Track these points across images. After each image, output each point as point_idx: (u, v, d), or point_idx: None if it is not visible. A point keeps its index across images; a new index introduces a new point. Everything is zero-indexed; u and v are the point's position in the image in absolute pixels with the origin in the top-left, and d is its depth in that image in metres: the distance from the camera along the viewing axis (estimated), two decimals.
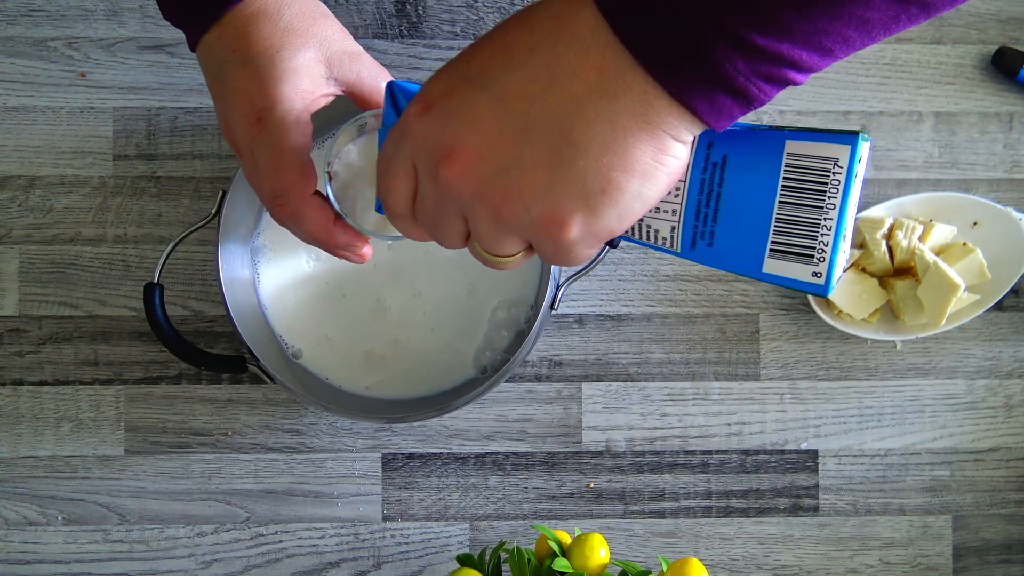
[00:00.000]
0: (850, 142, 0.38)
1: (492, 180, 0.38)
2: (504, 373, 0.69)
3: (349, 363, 0.71)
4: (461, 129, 0.38)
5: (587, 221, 0.38)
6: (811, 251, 0.39)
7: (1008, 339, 0.77)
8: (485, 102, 0.37)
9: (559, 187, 0.38)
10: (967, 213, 0.75)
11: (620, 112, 0.36)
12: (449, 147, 0.38)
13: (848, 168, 0.38)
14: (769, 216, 0.40)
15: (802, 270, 0.39)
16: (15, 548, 0.74)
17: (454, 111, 0.38)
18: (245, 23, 0.51)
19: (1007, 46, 0.77)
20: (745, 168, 0.40)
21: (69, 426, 0.74)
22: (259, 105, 0.51)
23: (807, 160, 0.39)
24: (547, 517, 0.76)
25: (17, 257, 0.75)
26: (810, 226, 0.39)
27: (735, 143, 0.40)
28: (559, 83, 0.36)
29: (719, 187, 0.40)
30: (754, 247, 0.40)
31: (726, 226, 0.41)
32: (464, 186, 0.38)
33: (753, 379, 0.76)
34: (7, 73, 0.75)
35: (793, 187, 0.39)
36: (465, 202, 0.39)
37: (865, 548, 0.77)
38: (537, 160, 0.37)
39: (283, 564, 0.75)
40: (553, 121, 0.37)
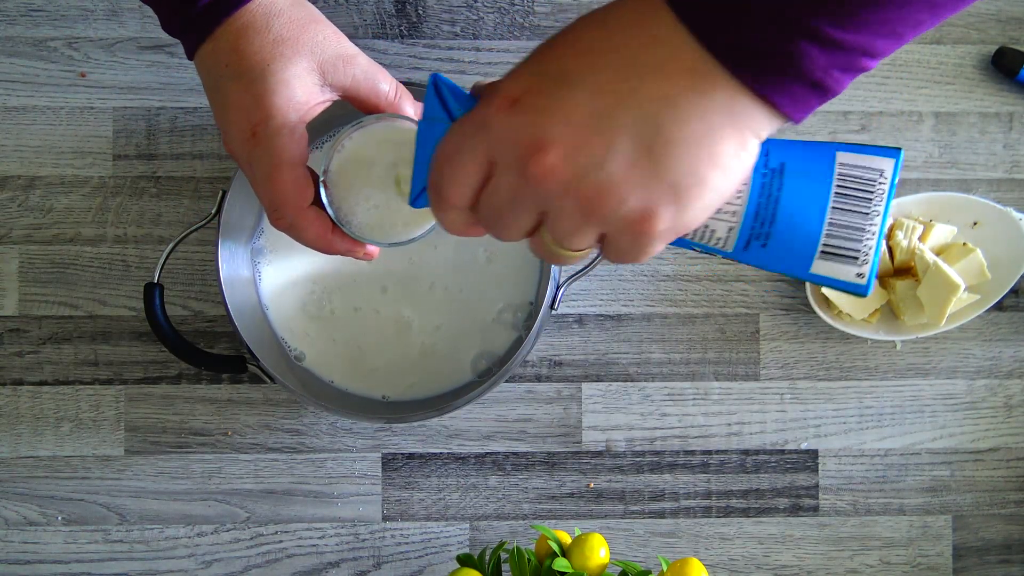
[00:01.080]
0: (894, 156, 0.43)
1: (584, 175, 0.39)
2: (504, 373, 0.69)
3: (350, 364, 0.71)
4: (553, 125, 0.39)
5: (674, 215, 0.40)
6: (857, 253, 0.43)
7: (1008, 339, 0.77)
8: (578, 99, 0.39)
9: (652, 182, 0.39)
10: (967, 213, 0.75)
11: (710, 110, 0.38)
12: (540, 142, 0.39)
13: (891, 179, 0.43)
14: (822, 220, 0.43)
15: (847, 271, 0.43)
16: (15, 548, 0.74)
17: (544, 107, 0.39)
18: (236, 37, 0.52)
19: (1007, 46, 0.77)
20: (802, 175, 0.43)
21: (69, 426, 0.74)
22: (253, 119, 0.51)
23: (856, 171, 0.43)
24: (547, 517, 0.76)
25: (17, 257, 0.75)
26: (857, 230, 0.43)
27: (791, 152, 0.43)
28: (649, 82, 0.38)
29: (778, 192, 0.43)
30: (805, 249, 0.43)
31: (782, 229, 0.43)
32: (555, 181, 0.39)
33: (753, 379, 0.76)
34: (7, 73, 0.75)
35: (844, 194, 0.43)
36: (552, 196, 0.40)
37: (865, 548, 0.77)
38: (631, 156, 0.38)
39: (283, 564, 0.75)
40: (646, 118, 0.38)
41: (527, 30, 0.76)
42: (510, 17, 0.76)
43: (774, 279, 0.77)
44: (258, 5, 0.52)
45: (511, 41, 0.76)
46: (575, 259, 0.43)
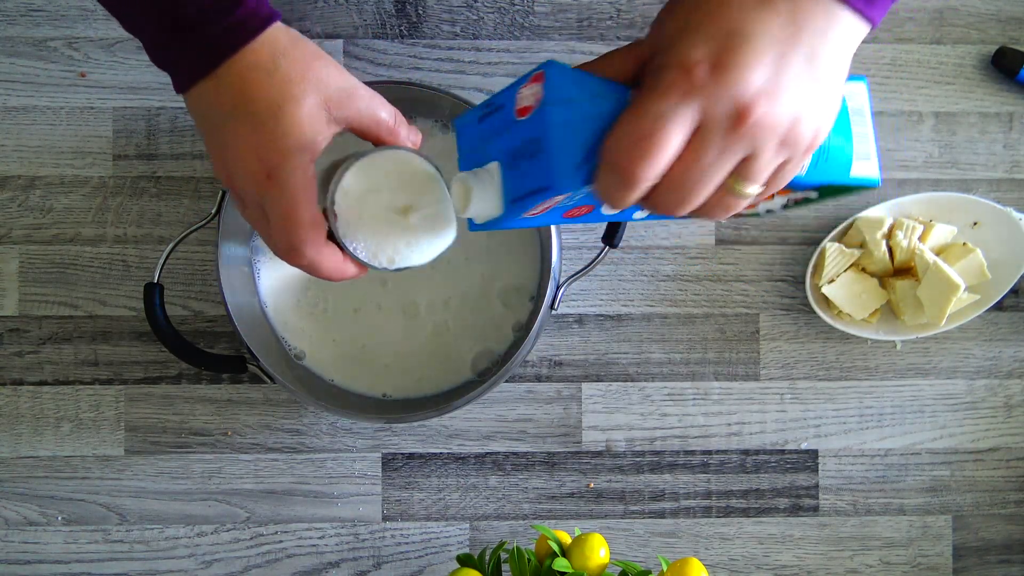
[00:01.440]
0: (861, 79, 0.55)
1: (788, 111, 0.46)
2: (504, 373, 0.69)
3: (350, 362, 0.71)
4: (754, 75, 0.45)
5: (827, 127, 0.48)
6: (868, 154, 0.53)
7: (1008, 339, 0.77)
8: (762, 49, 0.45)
9: (822, 103, 0.47)
10: (967, 213, 0.75)
11: (842, 38, 0.47)
12: (751, 93, 0.45)
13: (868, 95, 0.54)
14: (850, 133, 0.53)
15: (869, 168, 0.52)
16: (15, 548, 0.74)
17: (741, 62, 0.44)
18: (242, 76, 0.51)
19: (1007, 46, 0.77)
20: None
21: (69, 426, 0.74)
22: (268, 163, 0.51)
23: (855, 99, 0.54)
24: (547, 517, 0.76)
25: (17, 257, 0.75)
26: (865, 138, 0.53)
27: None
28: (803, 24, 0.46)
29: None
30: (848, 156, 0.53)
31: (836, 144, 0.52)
32: (766, 123, 0.45)
33: (753, 379, 0.76)
34: (7, 73, 0.75)
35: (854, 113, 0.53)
36: (762, 138, 0.46)
37: (865, 548, 0.77)
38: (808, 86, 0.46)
39: (283, 564, 0.75)
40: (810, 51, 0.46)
41: (527, 30, 0.76)
42: (510, 17, 0.76)
43: (774, 279, 0.77)
44: (262, 44, 0.51)
45: (511, 41, 0.76)
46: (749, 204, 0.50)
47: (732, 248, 0.76)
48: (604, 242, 0.68)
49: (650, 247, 0.76)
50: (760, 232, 0.76)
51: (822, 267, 0.74)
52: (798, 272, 0.77)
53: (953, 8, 0.77)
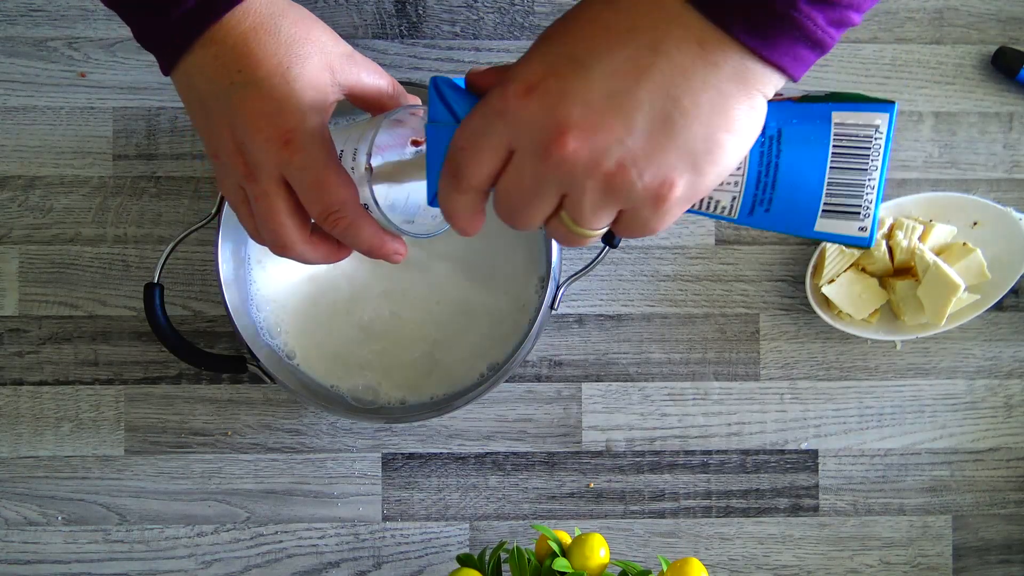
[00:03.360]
0: (888, 110, 0.43)
1: (607, 153, 0.40)
2: (504, 373, 0.69)
3: (347, 366, 0.71)
4: (573, 107, 0.40)
5: (692, 181, 0.42)
6: (858, 208, 0.44)
7: (1008, 339, 0.77)
8: (595, 80, 0.40)
9: (671, 152, 0.41)
10: (967, 213, 0.75)
11: (722, 78, 0.40)
12: (561, 126, 0.40)
13: (887, 132, 0.44)
14: (822, 181, 0.44)
15: (850, 226, 0.44)
16: (15, 548, 0.74)
17: (562, 91, 0.40)
18: (243, 40, 0.49)
19: (1007, 46, 0.77)
20: (799, 140, 0.44)
21: (69, 426, 0.74)
22: (284, 127, 0.48)
23: (852, 128, 0.44)
24: (547, 517, 0.76)
25: (17, 257, 0.75)
26: (857, 187, 0.44)
27: (787, 116, 0.44)
28: (664, 57, 0.40)
29: (776, 158, 0.44)
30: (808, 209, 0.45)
31: (783, 193, 0.45)
32: (577, 162, 0.40)
33: (753, 379, 0.76)
34: (7, 73, 0.75)
35: (842, 153, 0.44)
36: (576, 177, 0.41)
37: (865, 548, 0.77)
38: (650, 130, 0.40)
39: (283, 564, 0.75)
40: (663, 91, 0.40)
41: (527, 30, 0.76)
42: (510, 17, 0.76)
43: (774, 279, 0.77)
44: (260, 4, 0.49)
45: (511, 41, 0.76)
46: (591, 239, 0.45)
47: (732, 248, 0.76)
48: (604, 242, 0.68)
49: (650, 247, 0.76)
50: (760, 232, 0.77)
51: (822, 267, 0.74)
52: (798, 272, 0.77)
53: (953, 8, 0.77)
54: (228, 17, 0.49)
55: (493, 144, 0.42)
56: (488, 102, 0.42)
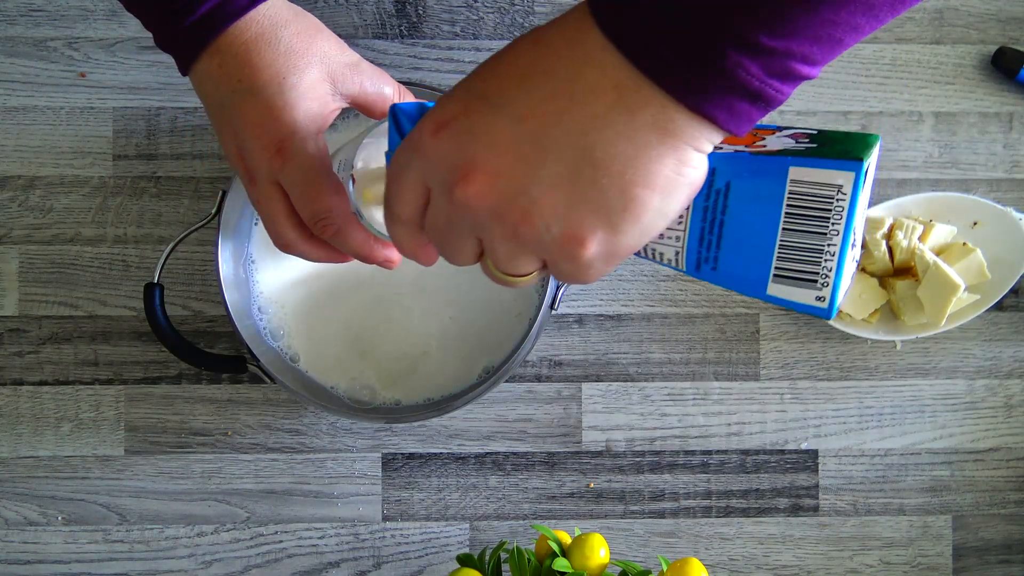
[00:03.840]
0: (854, 168, 0.38)
1: (511, 200, 0.38)
2: (504, 373, 0.69)
3: (345, 365, 0.71)
4: (479, 149, 0.38)
5: (608, 239, 0.38)
6: (815, 276, 0.39)
7: (1008, 339, 0.77)
8: (503, 123, 0.37)
9: (580, 205, 0.37)
10: (967, 213, 0.75)
11: (640, 127, 0.36)
12: (466, 167, 0.38)
13: (852, 194, 0.38)
14: (772, 243, 0.39)
15: (806, 295, 0.39)
16: (15, 548, 0.74)
17: (471, 131, 0.38)
18: (245, 50, 0.51)
19: (1007, 46, 0.77)
20: (749, 196, 0.40)
21: (69, 426, 0.74)
22: (277, 135, 0.50)
23: (811, 187, 0.38)
24: (547, 517, 0.76)
25: (17, 257, 0.75)
26: (814, 252, 0.39)
27: (738, 169, 0.40)
28: (578, 102, 0.36)
29: (722, 215, 0.40)
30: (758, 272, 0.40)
31: (730, 252, 0.40)
32: (481, 206, 0.38)
33: (753, 379, 0.76)
34: (7, 73, 0.75)
35: (797, 214, 0.39)
36: (481, 221, 0.39)
37: (865, 548, 0.77)
38: (557, 179, 0.37)
39: (283, 564, 0.75)
40: (574, 139, 0.37)
41: (527, 30, 0.76)
42: (510, 17, 0.76)
43: None
44: (263, 15, 0.51)
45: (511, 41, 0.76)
46: (521, 283, 0.42)
47: None
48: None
49: None
50: None
51: None
52: None
53: (953, 8, 0.77)
54: (232, 28, 0.50)
55: (411, 180, 0.41)
56: (410, 137, 0.41)
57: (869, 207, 0.75)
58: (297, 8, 0.53)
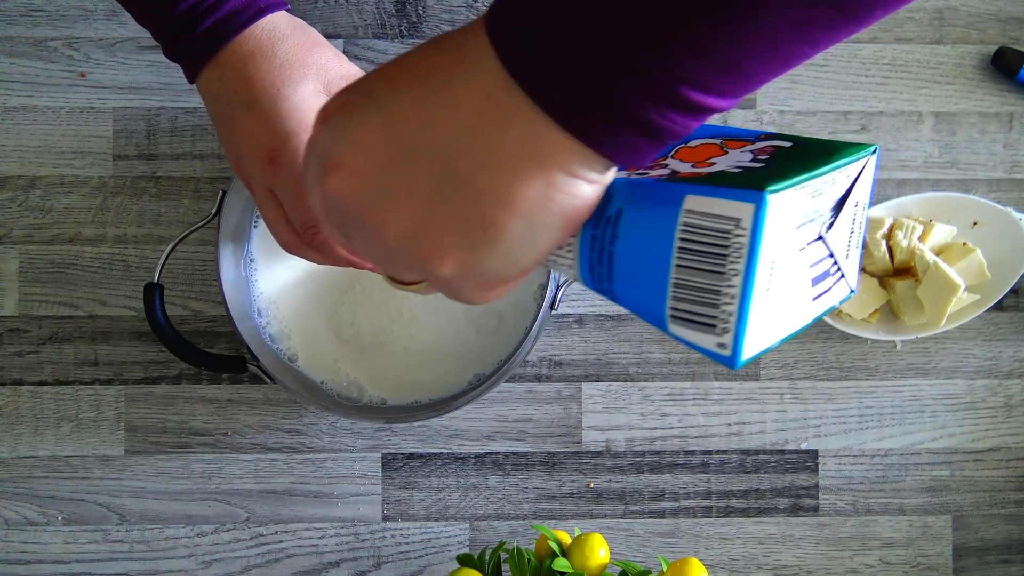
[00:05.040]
0: (754, 200, 0.32)
1: (371, 203, 0.35)
2: (504, 373, 0.69)
3: (341, 365, 0.71)
4: (347, 145, 0.35)
5: (466, 261, 0.35)
6: (712, 320, 0.34)
7: (1008, 339, 0.77)
8: (376, 122, 0.35)
9: (437, 221, 0.34)
10: (967, 213, 0.75)
11: (507, 143, 0.32)
12: (335, 161, 0.35)
13: (753, 229, 0.32)
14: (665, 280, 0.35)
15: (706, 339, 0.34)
16: (15, 548, 0.74)
17: (345, 126, 0.35)
18: (242, 63, 0.52)
19: (1007, 46, 0.77)
20: (639, 226, 0.35)
21: (69, 426, 0.74)
22: (268, 146, 0.52)
23: (705, 219, 0.33)
24: (547, 517, 0.76)
25: (17, 257, 0.75)
26: (710, 293, 0.34)
27: (634, 196, 0.36)
28: (449, 108, 0.33)
29: (611, 245, 0.36)
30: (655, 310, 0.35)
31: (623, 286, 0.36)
32: (344, 204, 0.36)
33: (753, 379, 0.76)
34: (7, 73, 0.75)
35: (690, 249, 0.34)
36: (347, 220, 0.36)
37: (865, 548, 0.77)
38: (417, 189, 0.34)
39: (283, 564, 0.75)
40: (439, 149, 0.33)
41: None
42: None
43: None
44: (262, 30, 0.52)
45: None
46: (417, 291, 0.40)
47: None
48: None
49: None
50: None
51: None
52: None
53: (953, 8, 0.77)
54: (231, 43, 0.52)
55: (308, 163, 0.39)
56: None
57: (870, 207, 0.75)
58: (298, 22, 0.55)
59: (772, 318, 0.35)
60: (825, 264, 0.38)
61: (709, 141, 0.40)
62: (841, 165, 0.35)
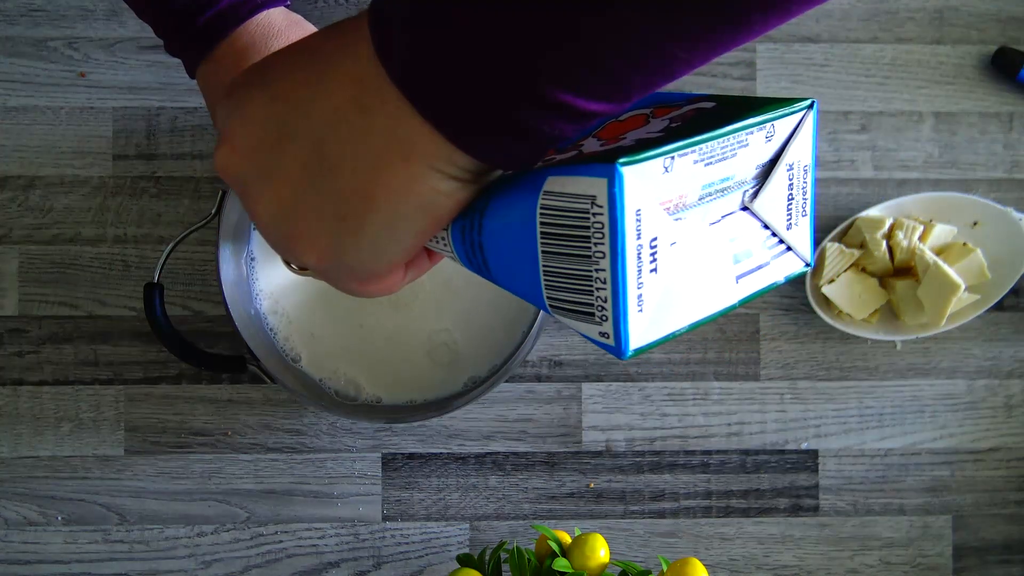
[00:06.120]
0: (607, 174, 0.30)
1: (247, 180, 0.35)
2: (504, 373, 0.69)
3: (340, 364, 0.71)
4: (234, 120, 0.35)
5: (331, 249, 0.35)
6: (590, 308, 0.32)
7: (1008, 339, 0.77)
8: (259, 100, 0.35)
9: (303, 206, 0.34)
10: (967, 213, 0.75)
11: (373, 131, 0.32)
12: (224, 134, 0.36)
13: (612, 206, 0.30)
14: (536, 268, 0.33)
15: (589, 328, 0.32)
16: (15, 548, 0.74)
17: (236, 102, 0.35)
18: (237, 58, 0.52)
19: (1007, 46, 0.77)
20: (503, 215, 0.34)
21: (69, 426, 0.74)
22: None
23: (562, 200, 0.31)
24: (547, 517, 0.76)
25: (17, 257, 0.75)
26: (581, 279, 0.32)
27: (501, 185, 0.34)
28: (324, 92, 0.33)
29: (479, 236, 0.35)
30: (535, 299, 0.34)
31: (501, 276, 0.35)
32: (228, 177, 0.36)
33: (753, 379, 0.76)
34: (7, 73, 0.75)
35: (552, 234, 0.32)
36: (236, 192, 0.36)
37: (865, 548, 0.77)
38: (288, 171, 0.34)
39: (283, 564, 0.75)
40: (311, 132, 0.33)
41: None
42: None
43: None
44: (256, 26, 0.53)
45: None
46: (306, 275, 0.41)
47: None
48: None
49: None
50: None
51: (822, 267, 0.74)
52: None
53: (953, 8, 0.77)
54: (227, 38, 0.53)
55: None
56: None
57: (869, 207, 0.75)
58: (295, 18, 0.55)
59: (672, 301, 0.32)
60: (754, 237, 0.35)
61: (639, 112, 0.37)
62: (748, 126, 0.32)
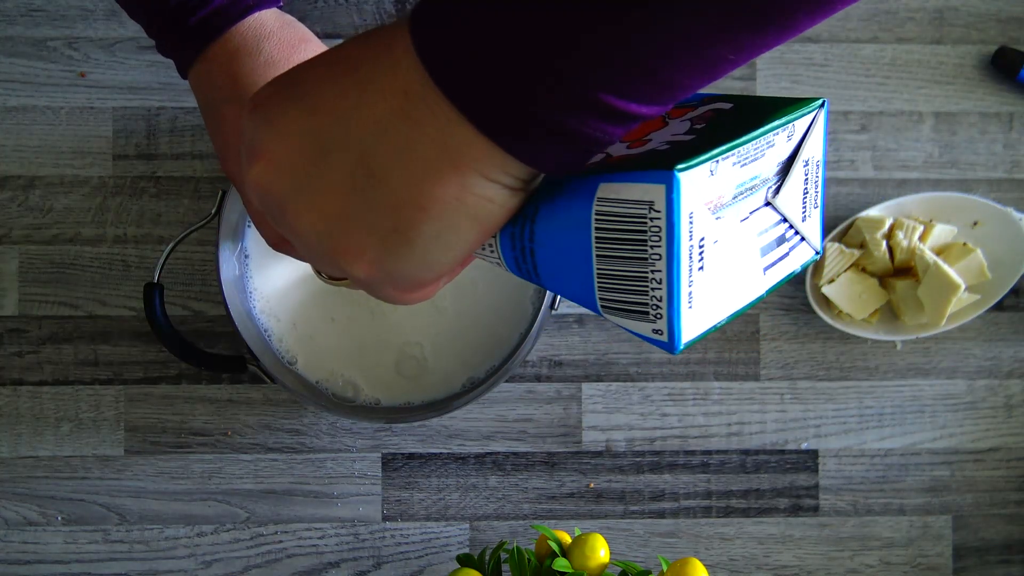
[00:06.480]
0: (665, 180, 0.31)
1: (287, 195, 0.35)
2: (504, 373, 0.69)
3: (338, 365, 0.71)
4: (268, 135, 0.35)
5: (380, 260, 0.34)
6: (644, 307, 0.33)
7: (1008, 339, 0.77)
8: (296, 113, 0.34)
9: (350, 219, 0.34)
10: (967, 213, 0.75)
11: (422, 141, 0.32)
12: (257, 150, 0.35)
13: (670, 210, 0.31)
14: (590, 271, 0.34)
15: (642, 327, 0.34)
16: (15, 548, 0.74)
17: (268, 115, 0.35)
18: (228, 60, 0.52)
19: (1007, 46, 0.77)
20: (555, 221, 0.34)
21: (69, 426, 0.74)
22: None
23: (619, 206, 0.32)
24: (547, 517, 0.76)
25: (17, 257, 0.75)
26: (637, 280, 0.33)
27: (550, 191, 0.35)
28: (367, 104, 0.32)
29: (531, 243, 0.35)
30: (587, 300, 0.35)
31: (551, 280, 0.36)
32: (264, 194, 0.35)
33: (753, 379, 0.76)
34: (7, 73, 0.75)
35: (608, 239, 0.33)
36: (272, 210, 0.36)
37: (865, 548, 0.77)
38: (332, 184, 0.34)
39: (283, 564, 0.75)
40: (355, 144, 0.33)
41: None
42: None
43: None
44: (248, 27, 0.53)
45: None
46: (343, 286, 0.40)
47: None
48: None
49: None
50: None
51: (822, 267, 0.74)
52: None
53: (953, 8, 0.77)
54: (218, 40, 0.52)
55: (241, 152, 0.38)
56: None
57: (869, 207, 0.75)
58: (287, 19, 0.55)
59: (714, 296, 0.34)
60: (777, 230, 0.37)
61: None
62: (776, 127, 0.34)
